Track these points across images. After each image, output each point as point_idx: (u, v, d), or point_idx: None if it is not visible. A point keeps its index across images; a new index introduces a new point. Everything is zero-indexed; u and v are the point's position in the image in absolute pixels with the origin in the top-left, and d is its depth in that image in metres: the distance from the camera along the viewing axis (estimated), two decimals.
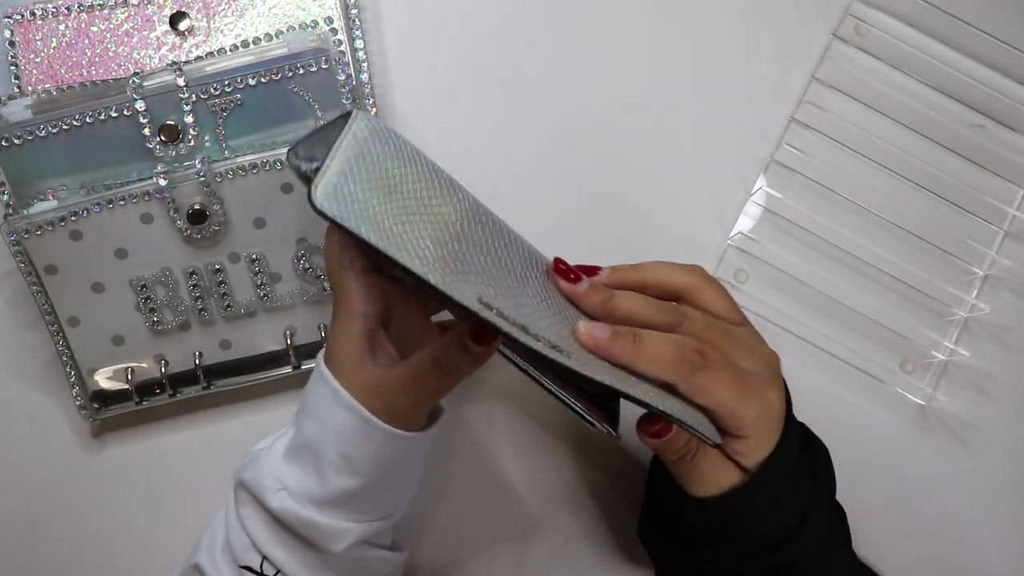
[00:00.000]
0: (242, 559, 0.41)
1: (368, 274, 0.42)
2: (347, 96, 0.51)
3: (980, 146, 0.56)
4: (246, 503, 0.42)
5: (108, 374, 0.52)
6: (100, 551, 0.53)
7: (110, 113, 0.49)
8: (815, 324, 0.54)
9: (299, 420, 0.42)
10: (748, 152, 0.56)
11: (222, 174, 0.49)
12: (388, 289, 0.43)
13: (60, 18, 0.53)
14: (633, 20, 0.57)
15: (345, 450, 0.40)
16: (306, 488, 0.41)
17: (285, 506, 0.40)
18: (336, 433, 0.40)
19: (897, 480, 0.54)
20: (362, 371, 0.40)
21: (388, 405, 0.40)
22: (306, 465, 0.41)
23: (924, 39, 0.57)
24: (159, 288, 0.51)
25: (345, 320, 0.41)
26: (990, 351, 0.55)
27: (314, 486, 0.41)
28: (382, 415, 0.40)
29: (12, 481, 0.53)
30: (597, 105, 0.56)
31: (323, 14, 0.53)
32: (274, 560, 0.41)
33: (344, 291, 0.41)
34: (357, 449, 0.40)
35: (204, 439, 0.54)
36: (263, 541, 0.41)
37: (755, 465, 0.41)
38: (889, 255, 0.55)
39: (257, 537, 0.41)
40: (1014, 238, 0.56)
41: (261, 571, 0.41)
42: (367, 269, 0.42)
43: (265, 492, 0.41)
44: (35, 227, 0.49)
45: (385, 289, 0.42)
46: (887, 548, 0.52)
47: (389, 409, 0.40)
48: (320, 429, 0.41)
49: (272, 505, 0.41)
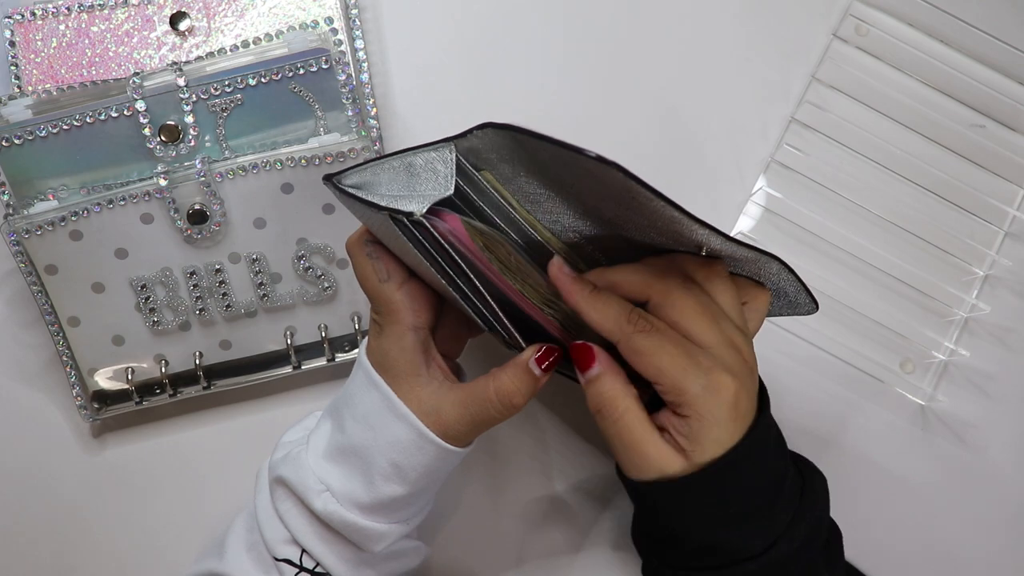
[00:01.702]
0: (280, 552, 0.42)
1: (409, 283, 0.41)
2: (347, 96, 0.51)
3: (980, 146, 0.56)
4: (285, 499, 0.42)
5: (108, 374, 0.52)
6: (100, 551, 0.53)
7: (110, 113, 0.49)
8: (815, 324, 0.54)
9: (344, 421, 0.42)
10: (748, 152, 0.56)
11: (222, 174, 0.49)
12: (427, 297, 0.42)
13: (60, 18, 0.53)
14: (633, 20, 0.57)
15: (396, 459, 0.40)
16: (352, 492, 0.41)
17: (330, 509, 0.41)
18: (389, 443, 0.40)
19: (897, 480, 0.54)
20: (418, 385, 0.41)
21: (446, 428, 0.40)
22: (352, 469, 0.41)
23: (924, 39, 0.57)
24: (159, 288, 0.51)
25: (396, 334, 0.41)
26: (990, 351, 0.55)
27: (360, 491, 0.41)
28: (437, 433, 0.40)
29: (12, 481, 0.53)
30: (597, 105, 0.57)
31: (323, 14, 0.53)
32: (314, 554, 0.41)
33: (391, 305, 0.41)
34: (409, 460, 0.40)
35: (204, 439, 0.54)
36: (304, 535, 0.41)
37: (703, 460, 0.38)
38: (889, 255, 0.55)
39: (297, 531, 0.41)
40: (1014, 238, 0.56)
41: (301, 564, 0.41)
42: (406, 279, 0.41)
43: (308, 492, 0.41)
44: (35, 227, 0.49)
45: (425, 297, 0.42)
46: (887, 548, 0.52)
47: (447, 432, 0.40)
48: (371, 436, 0.41)
49: (316, 507, 0.41)
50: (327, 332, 0.52)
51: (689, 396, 0.38)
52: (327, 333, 0.52)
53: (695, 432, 0.38)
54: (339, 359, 0.53)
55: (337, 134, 0.51)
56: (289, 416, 0.53)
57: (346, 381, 0.44)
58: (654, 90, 0.57)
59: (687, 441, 0.38)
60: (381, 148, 0.54)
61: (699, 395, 0.38)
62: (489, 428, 0.41)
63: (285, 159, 0.49)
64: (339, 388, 0.46)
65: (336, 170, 0.45)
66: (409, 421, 0.40)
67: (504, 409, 0.40)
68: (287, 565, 0.41)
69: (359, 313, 0.53)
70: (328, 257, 0.52)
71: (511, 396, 0.40)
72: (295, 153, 0.50)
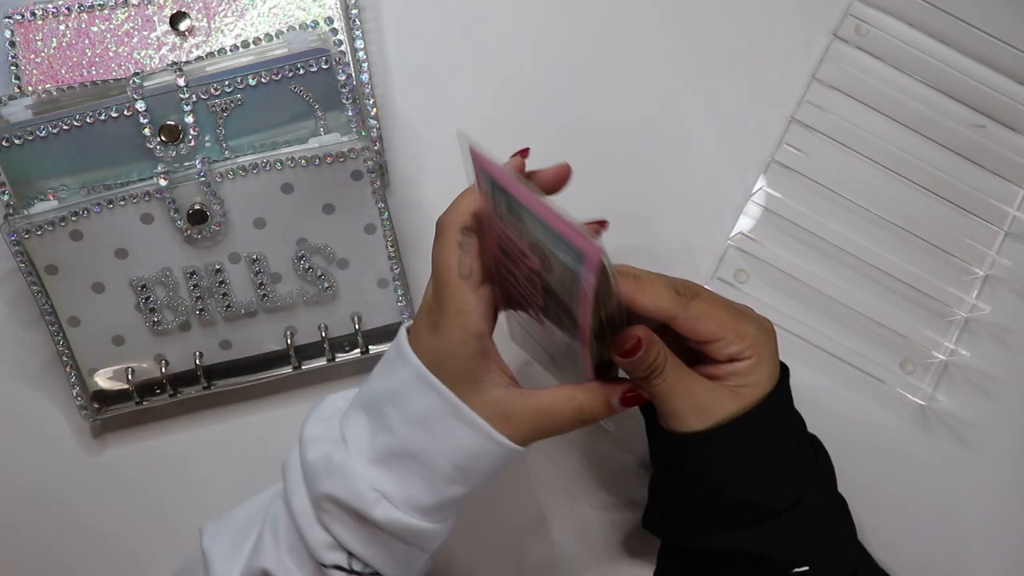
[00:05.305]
0: (327, 559, 0.40)
1: (483, 286, 0.40)
2: (347, 96, 0.51)
3: (980, 146, 0.56)
4: (333, 512, 0.40)
5: (108, 374, 0.52)
6: (100, 551, 0.53)
7: (110, 113, 0.49)
8: (815, 324, 0.54)
9: (390, 421, 0.40)
10: (748, 152, 0.56)
11: (222, 174, 0.49)
12: (495, 304, 0.41)
13: (60, 18, 0.53)
14: (633, 21, 0.57)
15: (460, 462, 0.40)
16: (412, 497, 0.40)
17: (392, 517, 0.39)
18: (453, 447, 0.39)
19: (897, 480, 0.54)
20: (482, 391, 0.40)
21: (516, 433, 0.40)
22: (408, 473, 0.40)
23: (924, 39, 0.57)
24: (159, 288, 0.51)
25: (459, 339, 0.39)
26: (990, 351, 0.55)
27: (421, 495, 0.40)
28: (508, 437, 0.40)
29: (12, 481, 0.53)
30: (597, 106, 0.57)
31: (323, 14, 0.53)
32: (364, 558, 0.40)
33: (463, 305, 0.39)
34: (474, 462, 0.40)
35: (204, 439, 0.54)
36: (349, 541, 0.40)
37: (757, 397, 0.41)
38: (889, 255, 0.55)
39: (342, 538, 0.40)
40: (1014, 238, 0.56)
41: (350, 567, 0.40)
42: (484, 280, 0.40)
43: (364, 504, 0.39)
44: (35, 227, 0.49)
45: (494, 305, 0.41)
46: (886, 547, 0.52)
47: (516, 436, 0.40)
48: (431, 440, 0.39)
49: (376, 517, 0.39)
50: (327, 332, 0.52)
51: (750, 338, 0.41)
52: (327, 333, 0.52)
53: (753, 369, 0.41)
54: (339, 359, 0.53)
55: (337, 134, 0.51)
56: (289, 416, 0.53)
57: (379, 372, 0.42)
58: (654, 90, 0.57)
59: (742, 379, 0.41)
60: (381, 148, 0.54)
61: (757, 335, 0.41)
62: (554, 435, 0.41)
63: (285, 159, 0.49)
64: (340, 388, 0.46)
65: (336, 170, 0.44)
66: (478, 426, 0.39)
67: (575, 425, 0.41)
68: (337, 571, 0.40)
69: (359, 313, 0.53)
70: (328, 257, 0.52)
71: (585, 419, 0.41)
72: (295, 153, 0.50)
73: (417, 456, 0.40)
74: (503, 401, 0.40)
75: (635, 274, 0.40)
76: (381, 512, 0.39)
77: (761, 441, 0.41)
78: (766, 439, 0.41)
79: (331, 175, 0.50)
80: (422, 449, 0.39)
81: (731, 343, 0.41)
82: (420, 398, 0.40)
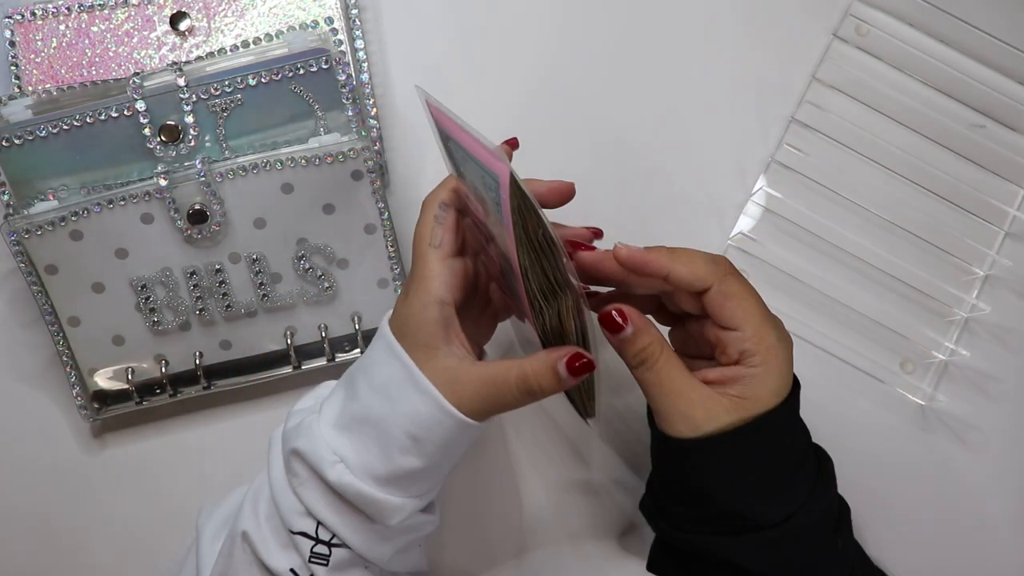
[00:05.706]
0: (296, 525, 0.41)
1: (453, 259, 0.41)
2: (347, 96, 0.51)
3: (980, 146, 0.56)
4: (299, 471, 0.41)
5: (108, 374, 0.52)
6: (100, 551, 0.53)
7: (110, 113, 0.49)
8: (815, 324, 0.54)
9: (358, 389, 0.41)
10: (748, 152, 0.56)
11: (222, 174, 0.49)
12: (466, 278, 0.42)
13: (60, 18, 0.53)
14: (633, 20, 0.57)
15: (415, 432, 0.40)
16: (367, 464, 0.40)
17: (344, 480, 0.40)
18: (408, 415, 0.40)
19: (897, 480, 0.54)
20: (436, 357, 0.40)
21: (462, 401, 0.40)
22: (367, 440, 0.40)
23: (924, 39, 0.57)
24: (159, 288, 0.51)
25: (421, 303, 0.40)
26: (990, 351, 0.55)
27: (376, 463, 0.40)
28: (456, 406, 0.40)
29: (12, 481, 0.53)
30: (597, 104, 0.57)
31: (323, 14, 0.53)
32: (329, 525, 0.41)
33: (426, 272, 0.41)
34: (428, 433, 0.40)
35: (204, 439, 0.54)
36: (317, 508, 0.41)
37: (757, 412, 0.39)
38: (889, 255, 0.55)
39: (310, 503, 0.41)
40: (1014, 238, 0.56)
41: (317, 536, 0.41)
42: (453, 252, 0.41)
43: (322, 463, 0.40)
44: (35, 227, 0.49)
45: (463, 277, 0.42)
46: (886, 547, 0.52)
47: (463, 405, 0.40)
48: (389, 407, 0.40)
49: (330, 478, 0.40)
50: (327, 332, 0.52)
51: (767, 343, 0.39)
52: (327, 333, 0.52)
53: (759, 380, 0.39)
54: (339, 359, 0.53)
55: (337, 134, 0.51)
56: None
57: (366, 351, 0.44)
58: (654, 90, 0.57)
59: (746, 389, 0.39)
60: (381, 148, 0.54)
61: (774, 344, 0.39)
62: (505, 411, 0.41)
63: (285, 159, 0.49)
64: None
65: (336, 170, 0.44)
66: (431, 394, 0.39)
67: (522, 397, 0.40)
68: (303, 538, 0.41)
69: (359, 313, 0.53)
70: (328, 257, 0.52)
71: (532, 389, 0.40)
72: (295, 153, 0.49)
73: (375, 423, 0.40)
74: (453, 368, 0.40)
75: (670, 247, 0.41)
76: (335, 474, 0.40)
77: (755, 457, 0.40)
78: (761, 456, 0.40)
79: (331, 175, 0.50)
80: (380, 417, 0.40)
81: (747, 339, 0.40)
82: (384, 367, 0.41)
